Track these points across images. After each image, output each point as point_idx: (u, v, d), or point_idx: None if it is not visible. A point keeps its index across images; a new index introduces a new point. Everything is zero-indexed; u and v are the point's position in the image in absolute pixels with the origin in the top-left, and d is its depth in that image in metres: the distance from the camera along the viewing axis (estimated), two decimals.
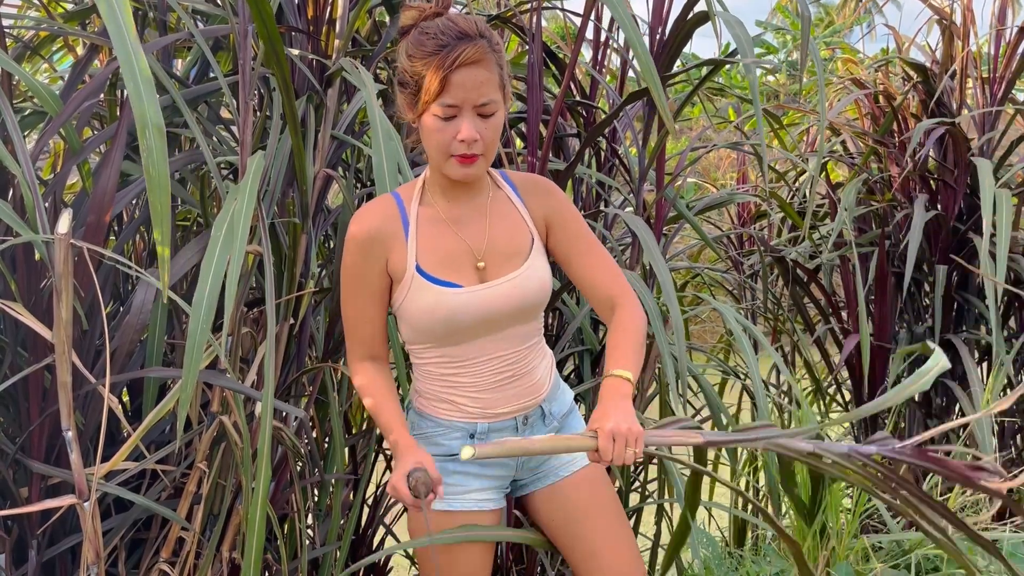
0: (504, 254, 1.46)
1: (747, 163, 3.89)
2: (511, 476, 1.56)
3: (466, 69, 1.31)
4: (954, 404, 2.96)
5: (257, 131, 1.76)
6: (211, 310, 1.29)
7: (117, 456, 1.37)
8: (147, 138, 1.15)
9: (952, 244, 2.91)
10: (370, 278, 1.43)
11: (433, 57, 1.31)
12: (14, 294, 1.52)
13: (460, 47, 1.30)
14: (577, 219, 1.51)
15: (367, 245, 1.42)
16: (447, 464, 1.49)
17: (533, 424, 1.53)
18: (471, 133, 1.33)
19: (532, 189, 1.50)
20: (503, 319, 1.45)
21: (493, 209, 1.47)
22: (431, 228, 1.44)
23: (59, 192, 1.69)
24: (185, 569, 1.66)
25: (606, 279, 1.49)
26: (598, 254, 1.50)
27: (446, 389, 1.49)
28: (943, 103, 2.94)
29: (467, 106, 1.33)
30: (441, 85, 1.31)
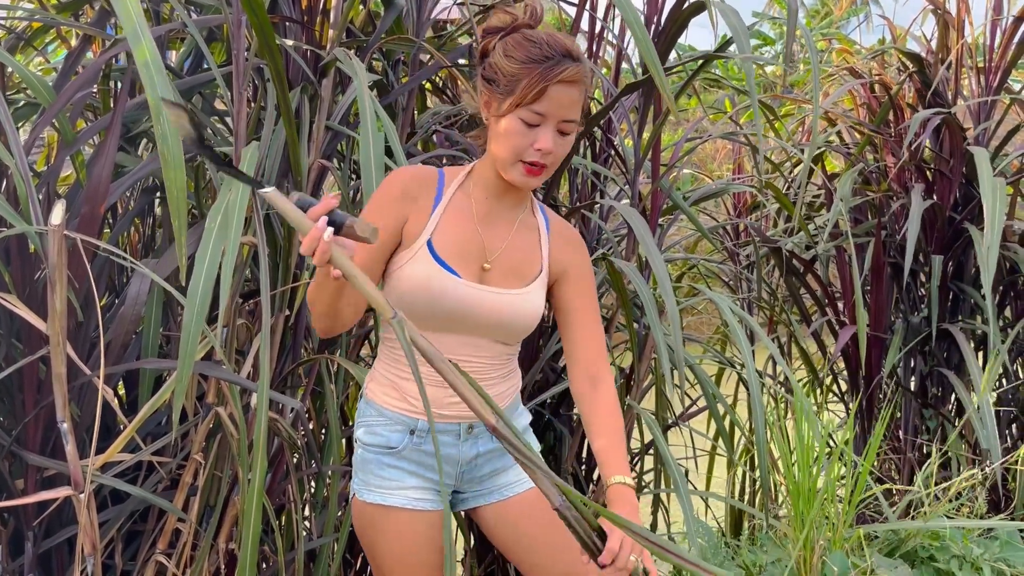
0: (512, 269, 1.48)
1: (743, 154, 3.89)
2: (451, 484, 1.55)
3: (564, 86, 1.36)
4: (950, 393, 2.97)
5: (251, 122, 1.75)
6: (206, 301, 1.28)
7: (113, 448, 1.37)
8: (162, 124, 1.20)
9: (948, 234, 2.91)
10: (386, 221, 1.41)
11: (538, 65, 1.35)
12: (8, 285, 1.52)
13: (566, 64, 1.36)
14: (591, 282, 1.54)
15: (399, 192, 1.43)
16: (383, 457, 1.48)
17: (479, 436, 1.52)
18: (549, 145, 1.37)
19: (563, 234, 1.54)
20: (481, 325, 1.46)
21: (520, 226, 1.50)
22: (458, 214, 1.46)
23: (53, 183, 1.68)
24: (182, 560, 1.66)
25: (595, 349, 1.52)
26: (596, 323, 1.53)
27: (399, 375, 1.48)
28: (939, 93, 2.94)
29: (553, 119, 1.37)
30: (538, 95, 1.35)
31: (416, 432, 1.48)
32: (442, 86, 2.52)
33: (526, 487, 1.55)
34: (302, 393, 1.91)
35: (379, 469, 1.48)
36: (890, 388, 2.99)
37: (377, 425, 1.49)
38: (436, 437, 1.26)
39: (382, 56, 2.13)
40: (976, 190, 2.85)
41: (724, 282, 3.54)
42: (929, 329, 2.82)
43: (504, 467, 1.56)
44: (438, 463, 1.22)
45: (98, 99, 2.03)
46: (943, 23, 2.99)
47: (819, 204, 3.37)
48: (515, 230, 1.49)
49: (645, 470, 2.72)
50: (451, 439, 1.50)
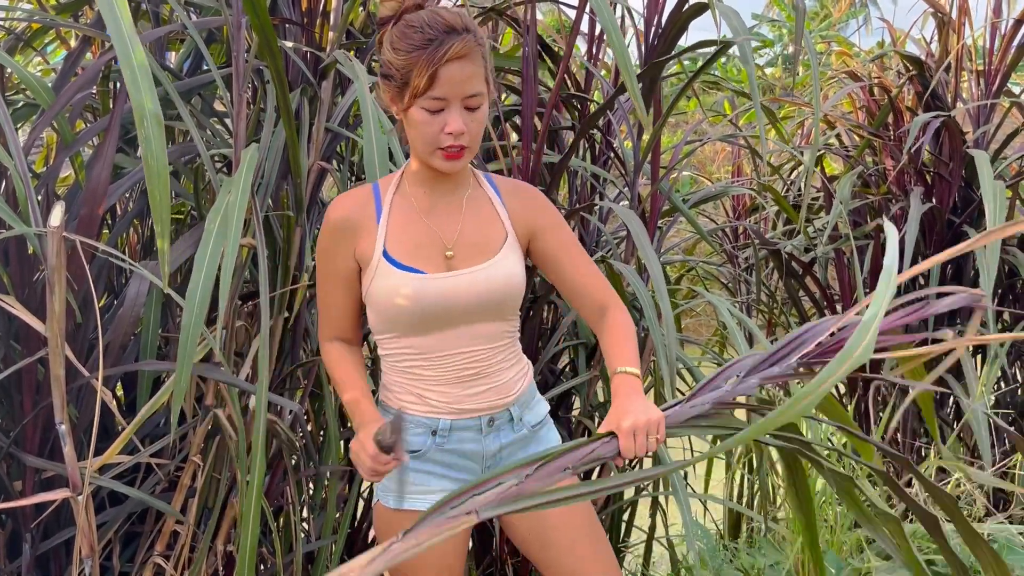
0: (475, 246, 1.46)
1: (742, 156, 3.89)
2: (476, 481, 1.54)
3: (454, 64, 1.32)
4: (949, 397, 2.98)
5: (251, 124, 1.75)
6: (205, 303, 1.28)
7: (111, 449, 1.37)
8: (145, 128, 1.16)
9: (947, 237, 2.91)
10: (338, 263, 1.45)
11: (421, 52, 1.32)
12: (7, 287, 1.51)
13: (448, 42, 1.31)
14: (563, 226, 1.51)
15: (338, 232, 1.44)
16: (409, 462, 1.48)
17: (500, 428, 1.52)
18: (459, 126, 1.34)
19: (514, 192, 1.51)
20: (467, 311, 1.44)
21: (469, 204, 1.48)
22: (403, 216, 1.45)
23: (51, 185, 1.68)
24: (180, 562, 1.66)
25: (597, 285, 1.50)
26: (586, 261, 1.51)
27: (412, 382, 1.48)
28: (938, 96, 2.94)
29: (454, 100, 1.34)
30: (430, 80, 1.32)
31: (438, 432, 1.48)
32: None
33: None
34: (300, 395, 1.90)
35: (402, 474, 1.48)
36: (890, 391, 2.99)
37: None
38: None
39: None
40: (975, 193, 2.85)
41: (723, 284, 3.54)
42: (928, 332, 2.82)
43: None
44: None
45: (97, 100, 2.03)
46: (943, 26, 3.00)
47: (818, 207, 3.37)
48: (464, 210, 1.47)
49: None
50: (473, 435, 1.49)
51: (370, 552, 0.93)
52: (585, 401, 2.30)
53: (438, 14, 1.35)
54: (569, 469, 1.14)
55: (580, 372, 2.24)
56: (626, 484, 1.31)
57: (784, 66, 11.08)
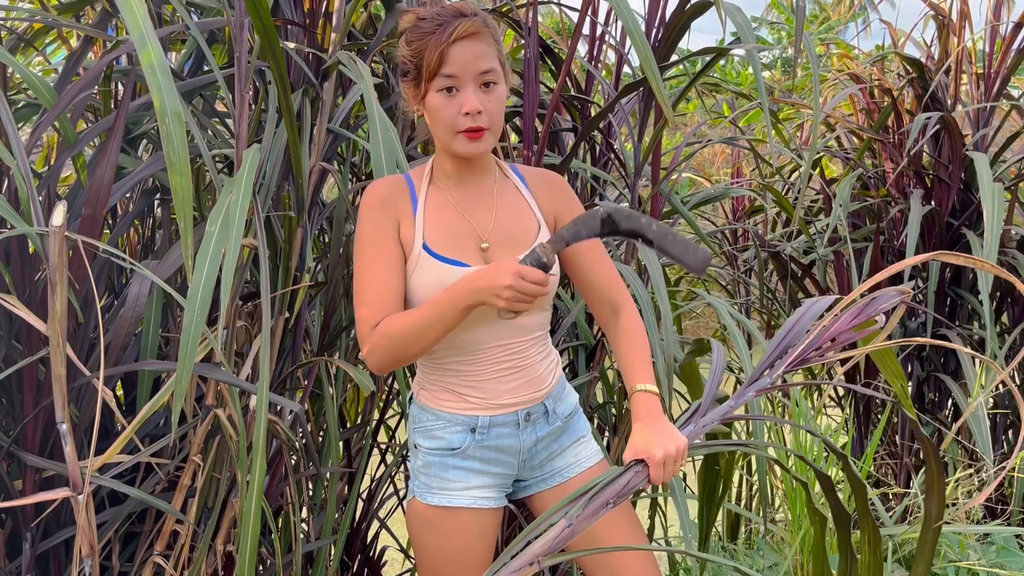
0: (510, 237, 1.47)
1: (742, 157, 3.89)
2: (513, 475, 1.56)
3: (464, 42, 1.35)
4: (947, 398, 2.98)
5: (252, 124, 1.75)
6: (206, 303, 1.28)
7: (111, 449, 1.37)
8: (167, 124, 1.20)
9: (946, 240, 2.92)
10: (387, 240, 1.43)
11: (430, 34, 1.35)
12: (8, 286, 1.51)
13: (456, 22, 1.35)
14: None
15: (382, 207, 1.44)
16: (447, 459, 1.50)
17: (535, 421, 1.53)
18: (474, 104, 1.35)
19: (541, 182, 1.53)
20: (509, 325, 1.46)
21: (499, 194, 1.49)
22: (438, 209, 1.46)
23: (53, 185, 1.68)
24: (180, 562, 1.66)
25: (611, 281, 1.52)
26: (603, 255, 1.52)
27: (450, 378, 1.50)
28: (938, 99, 2.95)
29: (468, 77, 1.36)
30: (440, 58, 1.34)
31: (477, 429, 1.49)
32: None
33: (584, 467, 1.57)
34: (301, 395, 1.91)
35: (443, 471, 1.50)
36: (888, 393, 2.99)
37: (437, 428, 1.51)
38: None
39: (382, 59, 2.13)
40: (974, 196, 2.85)
41: (722, 286, 3.55)
42: (927, 334, 2.83)
43: (561, 448, 1.57)
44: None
45: (99, 100, 2.03)
46: (944, 29, 3.00)
47: (817, 209, 3.38)
48: (496, 201, 1.48)
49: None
50: (510, 430, 1.51)
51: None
52: (584, 403, 2.30)
53: (447, 6, 1.39)
54: (611, 504, 1.23)
55: (580, 373, 2.24)
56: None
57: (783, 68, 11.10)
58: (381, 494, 2.33)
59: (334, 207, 1.95)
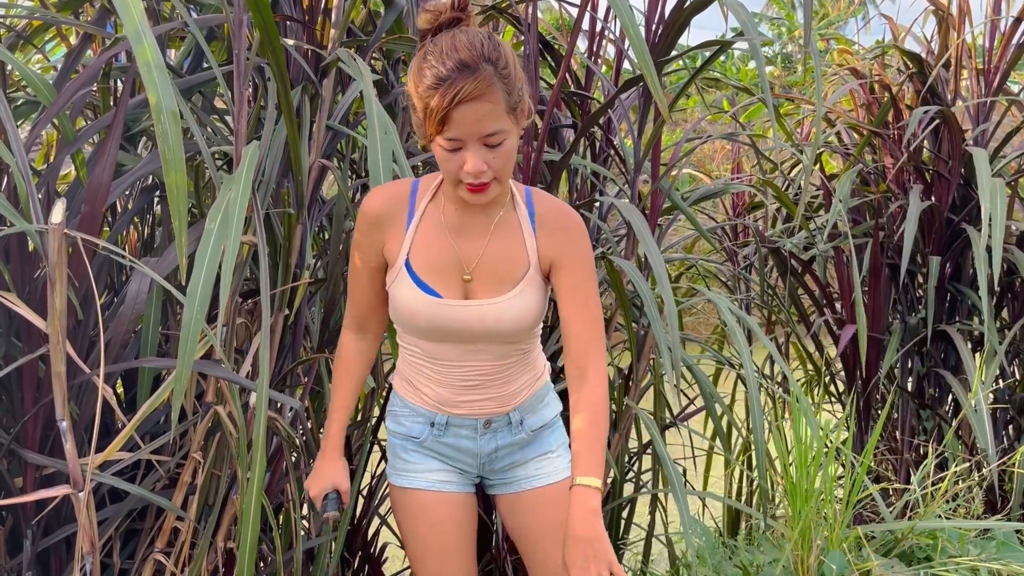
0: (494, 275, 1.43)
1: (742, 153, 3.89)
2: (475, 472, 1.58)
3: (466, 105, 1.26)
4: (947, 394, 2.98)
5: (252, 121, 1.75)
6: (206, 300, 1.28)
7: (112, 446, 1.37)
8: (162, 123, 1.20)
9: (946, 235, 2.92)
10: (368, 253, 1.48)
11: (433, 91, 1.27)
12: (8, 284, 1.51)
13: (459, 83, 1.25)
14: (582, 267, 1.44)
15: (371, 224, 1.46)
16: (407, 443, 1.56)
17: (497, 430, 1.53)
18: (477, 166, 1.30)
19: (550, 224, 1.44)
20: (477, 337, 1.45)
21: (497, 228, 1.43)
22: (431, 230, 1.44)
23: (53, 182, 1.68)
24: (180, 559, 1.66)
25: (584, 341, 1.43)
26: (586, 312, 1.44)
27: (413, 374, 1.53)
28: (938, 95, 2.95)
29: (471, 139, 1.29)
30: (442, 122, 1.27)
31: (435, 425, 1.53)
32: None
33: (543, 483, 1.57)
34: (301, 392, 1.91)
35: (404, 454, 1.56)
36: (888, 389, 2.99)
37: (402, 416, 1.57)
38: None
39: (382, 55, 2.13)
40: (974, 191, 2.85)
41: (722, 282, 3.54)
42: (926, 330, 2.83)
43: (523, 460, 1.57)
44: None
45: (98, 98, 2.03)
46: (944, 24, 3.00)
47: (817, 204, 3.38)
48: (491, 235, 1.43)
49: (643, 470, 2.73)
50: (468, 432, 1.53)
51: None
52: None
53: (456, 46, 1.28)
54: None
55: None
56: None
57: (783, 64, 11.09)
58: (382, 491, 2.33)
59: (333, 204, 1.94)
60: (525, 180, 2.07)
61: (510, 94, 1.29)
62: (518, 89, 1.31)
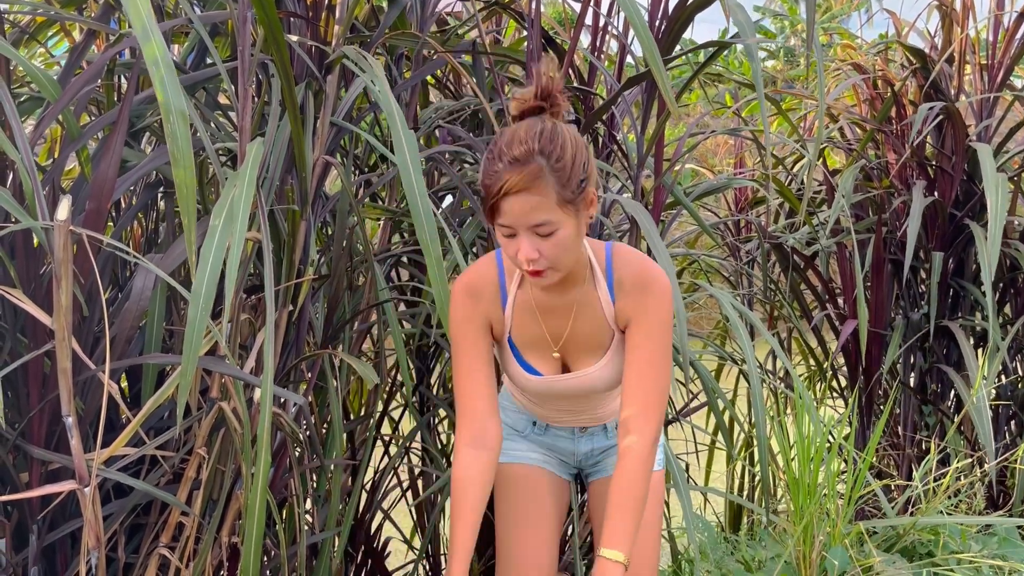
0: (584, 348, 1.54)
1: (744, 148, 3.89)
2: (572, 465, 1.74)
3: (514, 197, 1.31)
4: (949, 390, 2.98)
5: (256, 118, 1.75)
6: (210, 296, 1.29)
7: (117, 442, 1.38)
8: (171, 123, 1.21)
9: (949, 231, 2.91)
10: (474, 335, 1.51)
11: (487, 180, 1.34)
12: (14, 280, 1.52)
13: (506, 177, 1.31)
14: (651, 326, 1.47)
15: (474, 295, 1.51)
16: (511, 432, 1.70)
17: (593, 434, 1.69)
18: (528, 253, 1.35)
19: (628, 286, 1.48)
20: (573, 399, 1.62)
21: (580, 307, 1.51)
22: (523, 310, 1.53)
23: (57, 178, 1.68)
24: (185, 554, 1.66)
25: (638, 398, 1.46)
26: (647, 373, 1.46)
27: (516, 392, 1.70)
28: (941, 90, 2.94)
29: (521, 227, 1.34)
30: (493, 210, 1.34)
31: (536, 424, 1.69)
32: (445, 81, 2.52)
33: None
34: (305, 388, 1.91)
35: (508, 439, 1.68)
36: (891, 384, 3.00)
37: (509, 409, 1.71)
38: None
39: (385, 51, 2.13)
40: (977, 187, 2.85)
41: (725, 277, 3.55)
42: (929, 326, 2.83)
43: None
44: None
45: (102, 94, 2.03)
46: (947, 19, 2.99)
47: (820, 200, 3.37)
48: (575, 315, 1.51)
49: None
50: (566, 434, 1.69)
51: None
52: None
53: (514, 139, 1.33)
54: None
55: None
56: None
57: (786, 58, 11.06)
58: (385, 485, 2.34)
59: (337, 200, 1.95)
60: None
61: (564, 186, 1.32)
62: (576, 180, 1.34)
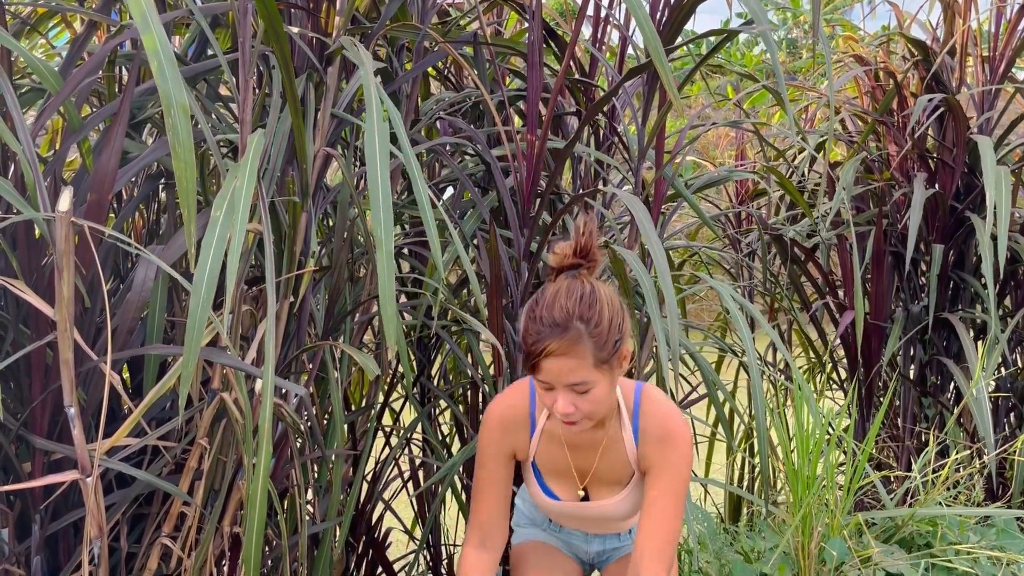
0: (606, 484, 1.63)
1: (746, 140, 3.88)
2: (585, 560, 1.82)
3: (552, 359, 1.40)
4: (949, 382, 2.99)
5: (257, 109, 1.75)
6: (212, 288, 1.29)
7: (119, 432, 1.38)
8: (172, 116, 1.21)
9: (949, 223, 2.91)
10: (497, 460, 1.61)
11: (529, 340, 1.42)
12: (16, 271, 1.52)
13: (546, 341, 1.39)
14: (670, 481, 1.55)
15: (499, 434, 1.60)
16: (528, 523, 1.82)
17: (606, 538, 1.78)
18: (565, 409, 1.43)
19: (652, 435, 1.57)
20: (590, 521, 1.70)
21: (606, 447, 1.59)
22: (551, 445, 1.61)
23: (59, 170, 1.69)
24: (187, 543, 1.67)
25: (650, 549, 1.52)
26: (661, 526, 1.53)
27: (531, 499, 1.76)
28: (942, 82, 2.94)
29: (559, 385, 1.43)
30: (533, 368, 1.43)
31: (552, 522, 1.78)
32: (446, 73, 2.51)
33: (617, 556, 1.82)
34: (306, 379, 1.92)
35: (526, 526, 1.80)
36: (890, 376, 3.00)
37: (529, 502, 1.79)
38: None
39: (386, 43, 2.13)
40: (978, 179, 2.85)
41: (725, 269, 3.55)
42: (929, 318, 2.83)
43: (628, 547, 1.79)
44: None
45: (103, 85, 2.03)
46: (949, 10, 2.98)
47: (821, 192, 3.37)
48: (601, 454, 1.59)
49: None
50: (580, 534, 1.77)
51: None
52: None
53: (555, 303, 1.41)
54: None
55: None
56: None
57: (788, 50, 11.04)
58: (386, 476, 2.35)
59: (338, 191, 1.95)
60: (528, 168, 2.07)
61: (601, 349, 1.41)
62: (612, 342, 1.43)
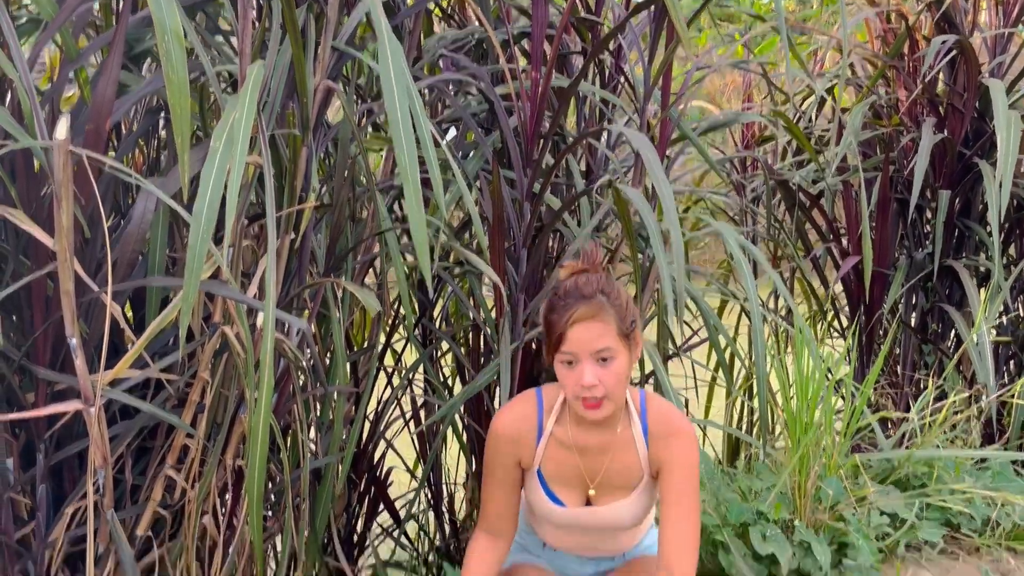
0: (615, 487, 1.64)
1: (753, 84, 3.83)
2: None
3: (580, 325, 1.49)
4: (950, 329, 2.99)
5: (256, 43, 1.72)
6: (212, 220, 1.28)
7: (122, 362, 1.39)
8: (166, 43, 1.19)
9: (957, 170, 2.89)
10: (503, 469, 1.65)
11: (555, 315, 1.52)
12: (15, 201, 1.51)
13: (573, 308, 1.50)
14: (684, 474, 1.60)
15: (504, 444, 1.64)
16: (522, 549, 1.82)
17: (600, 561, 1.77)
18: (589, 379, 1.49)
19: (662, 433, 1.62)
20: (595, 533, 1.69)
21: (616, 448, 1.63)
22: (559, 448, 1.64)
23: (57, 100, 1.67)
24: (190, 475, 1.69)
25: (674, 547, 1.57)
26: (685, 525, 1.58)
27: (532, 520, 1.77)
28: (955, 25, 2.88)
29: (584, 355, 1.50)
30: (560, 339, 1.50)
31: (546, 547, 1.79)
32: (450, 11, 2.47)
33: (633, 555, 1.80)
34: (308, 316, 1.92)
35: (519, 553, 1.80)
36: (891, 324, 3.00)
37: (524, 531, 1.81)
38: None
39: None
40: (988, 125, 2.82)
41: (730, 216, 3.53)
42: (933, 265, 2.82)
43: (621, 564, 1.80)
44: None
45: (100, 17, 2.00)
46: None
47: (827, 137, 3.34)
48: (611, 454, 1.62)
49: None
50: (574, 558, 1.79)
51: None
52: None
53: (577, 283, 1.54)
54: None
55: None
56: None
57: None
58: (388, 416, 2.37)
59: (339, 129, 1.93)
60: (532, 108, 2.05)
61: (622, 320, 1.52)
62: (630, 320, 1.55)
